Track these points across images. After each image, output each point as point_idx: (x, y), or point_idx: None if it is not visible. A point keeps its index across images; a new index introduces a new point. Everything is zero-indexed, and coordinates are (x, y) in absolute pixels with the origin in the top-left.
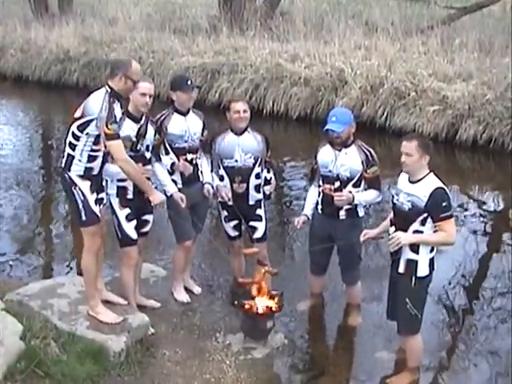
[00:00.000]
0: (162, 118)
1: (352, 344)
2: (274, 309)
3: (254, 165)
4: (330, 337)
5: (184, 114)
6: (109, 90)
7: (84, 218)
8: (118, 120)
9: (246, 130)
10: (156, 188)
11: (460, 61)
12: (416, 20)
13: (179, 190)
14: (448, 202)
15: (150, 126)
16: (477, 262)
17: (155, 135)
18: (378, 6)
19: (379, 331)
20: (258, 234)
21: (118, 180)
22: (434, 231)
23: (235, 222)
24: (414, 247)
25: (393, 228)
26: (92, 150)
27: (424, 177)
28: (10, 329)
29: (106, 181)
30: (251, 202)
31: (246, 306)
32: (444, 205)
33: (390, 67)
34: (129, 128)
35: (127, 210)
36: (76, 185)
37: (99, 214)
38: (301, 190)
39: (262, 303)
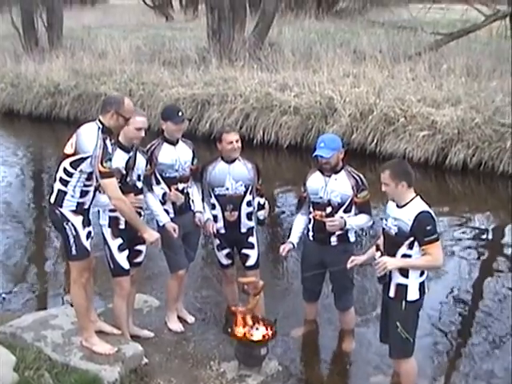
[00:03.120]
0: (152, 148)
1: (347, 369)
2: (267, 336)
3: (245, 192)
4: (324, 363)
5: (174, 143)
6: (100, 126)
7: (74, 252)
8: (112, 158)
9: (236, 158)
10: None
11: (448, 86)
12: (403, 47)
13: (171, 219)
14: (433, 225)
15: (140, 155)
16: (470, 286)
17: (146, 165)
18: (365, 34)
19: (373, 356)
20: (251, 262)
21: (110, 210)
22: (423, 254)
23: (227, 251)
24: (404, 271)
25: (378, 253)
26: (84, 186)
27: (410, 201)
28: (4, 360)
29: (98, 211)
30: (243, 230)
31: (240, 334)
32: (428, 228)
33: (379, 94)
34: (120, 158)
35: (119, 240)
36: (68, 220)
37: (89, 249)
38: (292, 218)
39: (255, 331)
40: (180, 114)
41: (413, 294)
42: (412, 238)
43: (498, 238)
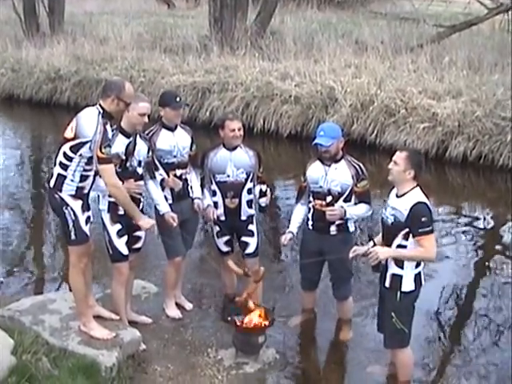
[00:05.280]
0: (151, 133)
1: (343, 359)
2: (265, 324)
3: (246, 180)
4: (321, 352)
5: (172, 129)
6: (101, 111)
7: (74, 237)
8: (111, 144)
9: (238, 145)
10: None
11: (449, 78)
12: (405, 38)
13: (169, 206)
14: (428, 217)
15: (141, 141)
16: (468, 278)
17: (148, 152)
18: (367, 25)
19: (371, 345)
20: (250, 250)
21: (110, 195)
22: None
23: (227, 238)
24: (399, 262)
25: (371, 243)
26: (84, 170)
27: (409, 191)
28: (1, 343)
29: (98, 196)
30: (243, 218)
31: (238, 322)
32: (423, 220)
33: (380, 85)
34: (120, 143)
35: (118, 226)
36: (68, 205)
37: (88, 233)
38: (292, 207)
39: (253, 318)
40: (178, 99)
41: (408, 285)
42: (407, 229)
43: (496, 231)
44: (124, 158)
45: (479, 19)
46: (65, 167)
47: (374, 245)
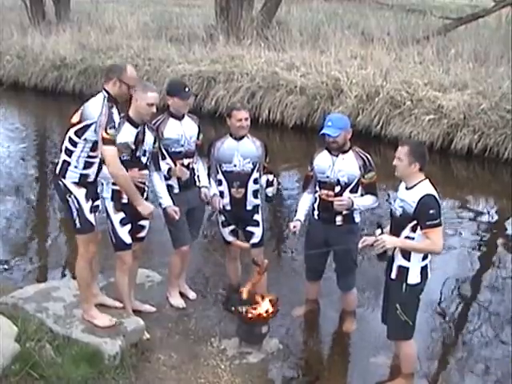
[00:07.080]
0: (158, 122)
1: (347, 350)
2: (269, 314)
3: (253, 170)
4: (325, 342)
5: (179, 118)
6: (106, 95)
7: (78, 225)
8: (116, 126)
9: (245, 135)
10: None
11: (455, 70)
12: (412, 30)
13: (176, 194)
14: (436, 210)
15: (149, 132)
16: (471, 270)
17: (155, 142)
18: (374, 16)
19: (374, 337)
20: (255, 240)
21: (114, 183)
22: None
23: (232, 227)
24: (406, 254)
25: (379, 230)
26: (89, 157)
27: (417, 183)
28: (5, 331)
29: (102, 184)
30: (249, 208)
31: (242, 311)
32: (431, 212)
33: (386, 76)
34: (128, 133)
35: (122, 214)
36: (71, 192)
37: (94, 222)
38: (297, 198)
39: (257, 308)
40: (186, 89)
41: (414, 278)
42: (415, 221)
43: (500, 224)
44: (133, 147)
45: (486, 12)
46: (69, 153)
47: (382, 233)
